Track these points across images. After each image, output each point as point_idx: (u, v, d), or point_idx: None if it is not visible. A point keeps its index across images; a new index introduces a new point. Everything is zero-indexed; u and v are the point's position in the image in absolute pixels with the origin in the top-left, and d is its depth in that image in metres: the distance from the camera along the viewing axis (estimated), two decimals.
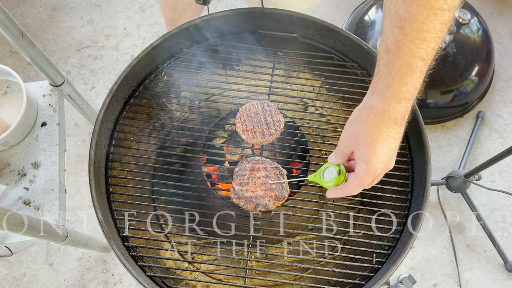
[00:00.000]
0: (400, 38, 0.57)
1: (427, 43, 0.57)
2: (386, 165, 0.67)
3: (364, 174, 0.68)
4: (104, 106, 0.97)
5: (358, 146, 0.67)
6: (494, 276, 1.69)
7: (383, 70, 0.62)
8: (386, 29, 0.60)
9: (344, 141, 0.71)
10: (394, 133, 0.63)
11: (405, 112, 0.63)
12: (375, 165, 0.66)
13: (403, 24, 0.56)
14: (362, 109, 0.67)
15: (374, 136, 0.64)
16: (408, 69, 0.59)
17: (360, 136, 0.66)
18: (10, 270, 1.66)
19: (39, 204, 1.11)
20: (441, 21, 0.55)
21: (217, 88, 1.12)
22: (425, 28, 0.55)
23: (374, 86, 0.64)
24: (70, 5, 2.20)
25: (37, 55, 1.14)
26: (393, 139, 0.64)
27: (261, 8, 1.08)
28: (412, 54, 0.57)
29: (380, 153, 0.65)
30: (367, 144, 0.65)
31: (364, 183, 0.69)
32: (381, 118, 0.63)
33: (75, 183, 1.81)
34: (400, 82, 0.60)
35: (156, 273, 0.91)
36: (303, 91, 1.24)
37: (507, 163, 1.87)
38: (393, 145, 0.65)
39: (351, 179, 0.71)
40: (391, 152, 0.66)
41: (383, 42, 0.61)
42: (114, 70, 2.05)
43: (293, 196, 1.00)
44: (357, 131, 0.67)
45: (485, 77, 1.91)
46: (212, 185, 1.13)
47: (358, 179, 0.69)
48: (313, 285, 0.89)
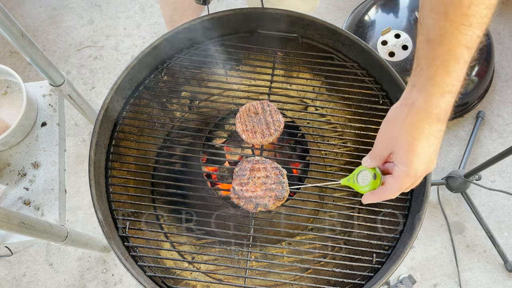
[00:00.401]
0: (443, 24, 0.53)
1: (472, 30, 0.53)
2: (428, 166, 0.62)
3: (404, 176, 0.63)
4: (104, 106, 0.97)
5: (397, 146, 0.62)
6: (494, 276, 1.69)
7: (423, 62, 0.57)
8: (426, 18, 0.56)
9: (381, 142, 0.66)
10: (436, 131, 0.59)
11: (448, 108, 0.58)
12: (415, 167, 0.61)
13: (447, 10, 0.52)
14: (401, 106, 0.62)
15: (415, 134, 0.59)
16: (453, 58, 0.54)
17: (399, 136, 0.61)
18: (10, 270, 1.66)
19: (39, 204, 1.11)
20: (487, 5, 0.52)
21: (217, 88, 1.12)
22: (471, 13, 0.52)
23: (414, 80, 0.59)
24: (70, 5, 2.20)
25: (37, 55, 1.14)
26: (435, 137, 0.59)
27: (261, 8, 1.08)
28: (458, 41, 0.53)
29: (421, 153, 0.60)
30: (407, 144, 0.60)
31: (403, 187, 0.64)
32: (423, 115, 0.58)
33: (75, 183, 1.81)
34: (444, 73, 0.56)
35: (156, 273, 0.91)
36: (303, 91, 1.24)
37: (507, 163, 1.87)
38: (435, 144, 0.60)
39: (389, 182, 0.66)
40: (433, 152, 0.61)
41: (423, 32, 0.57)
42: (114, 70, 2.05)
43: (293, 196, 1.00)
44: (396, 131, 0.62)
45: (485, 77, 1.91)
46: (212, 185, 1.13)
47: (397, 182, 0.64)
48: (313, 285, 0.89)
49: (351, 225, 1.08)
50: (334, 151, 1.20)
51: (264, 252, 0.98)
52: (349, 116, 1.14)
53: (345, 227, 1.09)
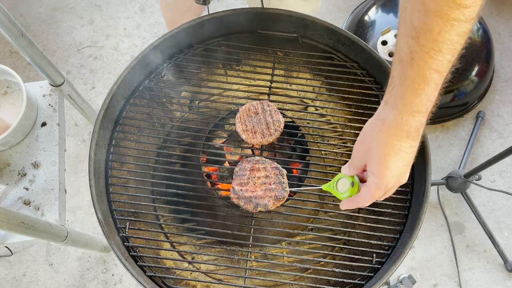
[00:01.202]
0: (414, 49, 0.55)
1: (442, 55, 0.55)
2: (399, 179, 0.66)
3: (375, 188, 0.67)
4: (104, 106, 0.97)
5: (370, 159, 0.66)
6: (494, 276, 1.69)
7: (396, 81, 0.60)
8: (400, 40, 0.58)
9: (357, 154, 0.70)
10: (406, 147, 0.61)
11: (419, 126, 0.60)
12: (387, 179, 0.65)
13: (418, 35, 0.54)
14: (375, 121, 0.65)
15: (386, 150, 0.62)
16: (422, 80, 0.57)
17: (372, 150, 0.65)
18: (10, 270, 1.66)
19: (39, 204, 1.11)
20: (458, 33, 0.53)
21: (217, 88, 1.12)
22: (441, 39, 0.53)
23: (387, 97, 0.62)
24: (70, 5, 2.20)
25: (37, 55, 1.14)
26: (406, 153, 0.62)
27: (261, 8, 1.08)
28: (427, 65, 0.55)
29: (392, 167, 0.63)
30: (379, 158, 0.63)
31: (375, 196, 0.68)
32: (393, 131, 0.61)
33: (75, 183, 1.81)
34: (414, 94, 0.58)
35: (156, 273, 0.91)
36: (303, 91, 1.24)
37: (507, 163, 1.87)
38: (406, 159, 0.63)
39: (362, 191, 0.70)
40: (404, 166, 0.64)
41: (397, 52, 0.59)
42: (114, 70, 2.05)
43: (293, 196, 1.00)
44: (369, 144, 0.65)
45: (485, 77, 1.91)
46: (212, 185, 1.13)
47: (370, 192, 0.68)
48: (313, 285, 0.89)
49: (351, 225, 1.08)
50: (334, 151, 1.20)
51: (264, 252, 0.98)
52: (349, 116, 1.14)
53: (345, 227, 1.08)
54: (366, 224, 0.95)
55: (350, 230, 1.01)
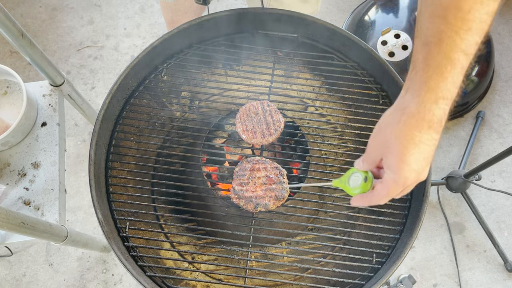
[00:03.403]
0: (442, 28, 0.52)
1: (471, 35, 0.52)
2: (418, 175, 0.60)
3: (392, 183, 0.61)
4: (104, 106, 0.97)
5: (386, 153, 0.61)
6: (494, 276, 1.69)
7: (420, 66, 0.56)
8: (424, 21, 0.55)
9: (372, 147, 0.65)
10: (427, 139, 0.57)
11: (442, 115, 0.56)
12: (405, 175, 0.59)
13: (446, 13, 0.51)
14: (394, 111, 0.60)
15: (405, 141, 0.57)
16: (450, 62, 0.53)
17: (389, 142, 0.60)
18: (10, 270, 1.66)
19: (39, 204, 1.11)
20: (487, 11, 0.51)
21: (217, 88, 1.12)
22: (470, 18, 0.51)
23: (409, 84, 0.58)
24: (70, 5, 2.20)
25: (37, 55, 1.14)
26: (427, 145, 0.57)
27: (261, 8, 1.08)
28: (456, 45, 0.52)
29: (411, 161, 0.58)
30: (397, 151, 0.59)
31: (392, 193, 0.63)
32: (415, 121, 0.56)
33: (75, 183, 1.81)
34: (440, 78, 0.54)
35: (156, 273, 0.91)
36: (303, 91, 1.24)
37: (507, 163, 1.87)
38: (426, 152, 0.58)
39: (377, 188, 0.65)
40: (424, 160, 0.59)
41: (421, 35, 0.55)
42: (114, 70, 2.05)
43: (293, 196, 1.00)
44: (386, 136, 0.60)
45: (485, 77, 1.91)
46: (212, 185, 1.13)
47: (386, 189, 0.63)
48: (313, 285, 0.89)
49: (351, 225, 1.08)
50: (334, 151, 1.20)
51: (264, 252, 0.98)
52: (349, 116, 1.14)
53: (345, 227, 1.08)
54: (366, 224, 0.95)
55: (350, 230, 1.01)
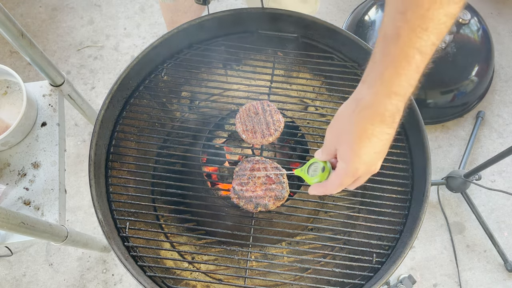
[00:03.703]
0: (400, 24, 0.53)
1: (428, 34, 0.52)
2: (368, 167, 0.61)
3: (343, 174, 0.63)
4: (104, 106, 0.97)
5: (340, 143, 0.62)
6: (494, 276, 1.69)
7: (377, 58, 0.56)
8: (386, 15, 0.55)
9: (328, 138, 0.66)
10: (379, 132, 0.57)
11: (395, 111, 0.57)
12: (355, 166, 0.60)
13: (406, 9, 0.52)
14: (349, 102, 0.61)
15: (357, 133, 0.58)
16: (404, 59, 0.53)
17: (342, 133, 0.61)
18: (10, 270, 1.66)
19: (39, 204, 1.11)
20: (446, 13, 0.51)
21: (217, 88, 1.12)
22: (429, 16, 0.51)
23: (365, 76, 0.59)
24: (70, 5, 2.20)
25: (37, 55, 1.14)
26: (378, 139, 0.58)
27: (261, 8, 1.08)
28: (411, 43, 0.52)
29: (361, 154, 0.59)
30: (348, 142, 0.60)
31: (344, 183, 0.64)
32: (367, 113, 0.57)
33: (75, 183, 1.81)
34: (393, 72, 0.54)
35: (156, 273, 0.91)
36: (303, 91, 1.24)
37: (507, 163, 1.87)
38: (378, 146, 0.59)
39: (331, 177, 0.67)
40: (375, 154, 0.60)
41: (382, 29, 0.56)
42: (114, 70, 2.05)
43: (293, 196, 1.00)
44: (341, 127, 0.62)
45: (485, 77, 1.91)
46: (212, 185, 1.13)
47: (338, 179, 0.64)
48: (313, 285, 0.89)
49: (351, 225, 1.08)
50: None
51: (264, 252, 0.98)
52: None
53: (345, 227, 1.08)
54: (366, 224, 0.95)
55: (350, 230, 1.01)
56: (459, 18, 1.78)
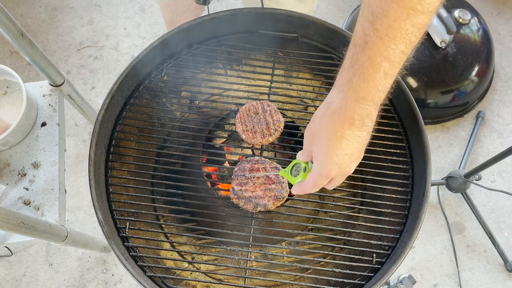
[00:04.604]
0: (369, 32, 0.54)
1: (395, 43, 0.54)
2: (342, 169, 0.63)
3: (317, 175, 0.65)
4: (104, 106, 0.97)
5: (313, 145, 0.65)
6: (494, 276, 1.69)
7: (346, 64, 0.58)
8: (358, 24, 0.57)
9: (305, 139, 0.68)
10: (349, 135, 0.59)
11: (364, 115, 0.58)
12: (327, 167, 0.62)
13: (374, 19, 0.53)
14: (322, 105, 0.63)
15: (328, 135, 0.60)
16: (372, 66, 0.55)
17: (315, 134, 0.63)
18: (10, 270, 1.66)
19: (39, 204, 1.11)
20: (413, 23, 0.53)
21: (217, 88, 1.12)
22: (396, 27, 0.52)
23: (336, 81, 0.61)
24: (70, 5, 2.20)
25: (37, 55, 1.14)
26: (349, 141, 0.60)
27: (261, 8, 1.08)
28: (379, 51, 0.54)
29: (332, 155, 0.61)
30: (320, 144, 0.62)
31: (318, 184, 0.66)
32: (336, 116, 0.59)
33: (75, 183, 1.81)
34: (361, 79, 0.56)
35: (156, 273, 0.91)
36: (303, 91, 1.24)
37: (507, 163, 1.87)
38: (349, 148, 0.60)
39: (307, 178, 0.69)
40: (346, 156, 0.61)
41: (353, 35, 0.58)
42: (114, 70, 2.05)
43: (292, 196, 1.00)
44: (314, 129, 0.63)
45: (485, 77, 1.91)
46: (212, 185, 1.13)
47: (312, 179, 0.66)
48: (313, 285, 0.89)
49: (351, 225, 1.08)
50: None
51: (264, 252, 0.98)
52: None
53: (345, 227, 1.08)
54: (366, 224, 0.95)
55: (350, 230, 1.01)
56: (459, 18, 1.78)
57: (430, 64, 1.73)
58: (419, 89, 1.78)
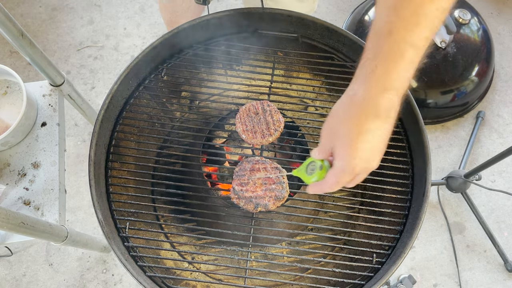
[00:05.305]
0: (392, 19, 0.52)
1: (420, 29, 0.52)
2: (367, 163, 0.60)
3: (340, 172, 0.62)
4: (104, 106, 0.97)
5: (335, 140, 0.62)
6: (494, 276, 1.69)
7: (369, 54, 0.56)
8: (378, 11, 0.55)
9: (323, 135, 0.65)
10: (375, 128, 0.57)
11: (389, 106, 0.56)
12: (353, 163, 0.59)
13: (397, 5, 0.51)
14: (343, 98, 0.61)
15: (352, 128, 0.58)
16: (397, 54, 0.53)
17: (338, 130, 0.60)
18: (10, 270, 1.66)
19: (39, 204, 1.11)
20: (438, 7, 0.51)
21: (217, 88, 1.12)
22: (421, 12, 0.51)
23: (358, 72, 0.58)
24: (70, 5, 2.20)
25: (37, 55, 1.14)
26: (374, 135, 0.57)
27: (261, 8, 1.08)
28: (403, 38, 0.52)
29: (358, 149, 0.58)
30: (344, 138, 0.59)
31: (341, 182, 0.63)
32: (361, 109, 0.57)
33: (75, 183, 1.81)
34: (387, 68, 0.54)
35: (156, 273, 0.91)
36: (303, 91, 1.24)
37: (507, 163, 1.87)
38: (374, 141, 0.58)
39: (328, 176, 0.65)
40: (372, 150, 0.59)
41: (374, 24, 0.55)
42: (114, 70, 2.05)
43: (293, 196, 1.00)
44: (335, 124, 0.61)
45: (485, 77, 1.91)
46: (212, 185, 1.13)
47: (335, 177, 0.63)
48: (313, 285, 0.89)
49: (351, 225, 1.08)
50: None
51: (264, 252, 0.98)
52: None
53: (345, 227, 1.09)
54: (366, 224, 0.95)
55: (350, 230, 1.01)
56: (459, 18, 1.78)
57: (430, 64, 1.73)
58: (419, 89, 1.78)
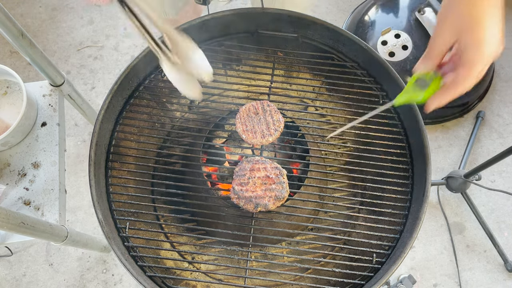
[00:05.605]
0: None
1: None
2: (497, 48, 0.59)
3: (477, 60, 0.59)
4: (104, 106, 0.97)
5: (463, 31, 0.60)
6: (494, 276, 1.69)
7: None
8: None
9: (442, 33, 0.62)
10: (494, 13, 0.58)
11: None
12: (488, 49, 0.59)
13: None
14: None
15: (480, 14, 0.58)
16: None
17: (464, 17, 0.59)
18: (10, 270, 1.66)
19: (39, 204, 1.11)
20: None
21: (217, 88, 1.11)
22: None
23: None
24: (70, 5, 2.20)
25: (37, 55, 1.14)
26: (498, 20, 0.58)
27: (261, 8, 1.08)
28: None
29: (489, 34, 0.58)
30: (476, 24, 0.58)
31: (474, 74, 0.60)
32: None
33: (75, 183, 1.81)
34: None
35: (156, 273, 0.91)
36: (303, 91, 1.24)
37: (507, 163, 1.87)
38: (498, 26, 0.58)
39: (459, 73, 0.62)
40: (498, 34, 0.59)
41: None
42: (114, 70, 2.05)
43: (293, 196, 1.00)
44: (459, 14, 0.60)
45: (485, 77, 1.91)
46: (212, 185, 1.13)
47: (471, 69, 0.60)
48: (313, 285, 0.89)
49: (351, 225, 1.08)
50: (334, 151, 1.20)
51: (264, 252, 0.98)
52: (349, 116, 1.14)
53: (345, 227, 1.09)
54: (366, 224, 0.95)
55: (350, 230, 1.01)
56: None
57: None
58: None
